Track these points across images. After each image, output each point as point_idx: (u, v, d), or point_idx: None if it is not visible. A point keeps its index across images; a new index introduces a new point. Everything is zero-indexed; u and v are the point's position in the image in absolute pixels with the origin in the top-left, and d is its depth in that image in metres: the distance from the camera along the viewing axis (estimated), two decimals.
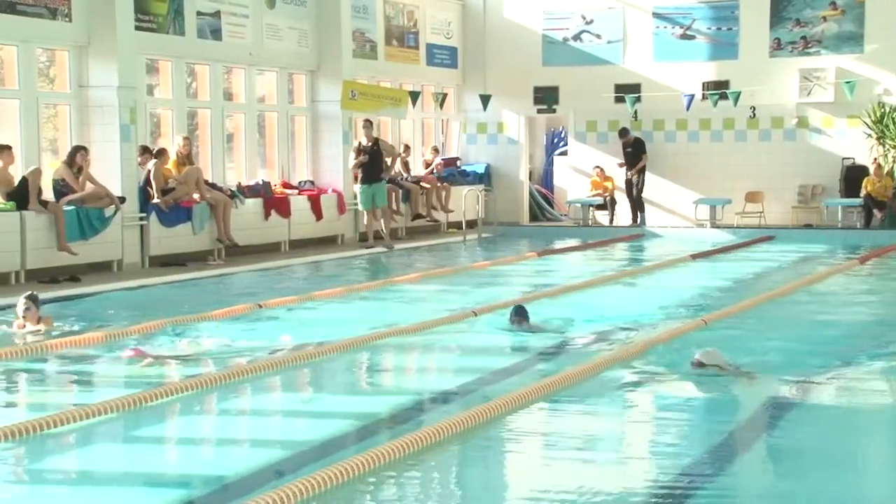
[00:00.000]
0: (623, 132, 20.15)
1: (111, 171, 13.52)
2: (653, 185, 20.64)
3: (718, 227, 19.47)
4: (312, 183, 17.69)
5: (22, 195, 12.44)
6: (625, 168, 20.21)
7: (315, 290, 11.69)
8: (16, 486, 5.26)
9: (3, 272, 12.04)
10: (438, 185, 19.78)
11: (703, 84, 20.22)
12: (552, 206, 22.62)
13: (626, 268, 14.41)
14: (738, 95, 19.26)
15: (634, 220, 20.14)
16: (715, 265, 14.94)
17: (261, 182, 16.48)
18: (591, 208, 20.60)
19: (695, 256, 15.31)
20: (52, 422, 5.84)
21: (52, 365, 7.78)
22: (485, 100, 20.42)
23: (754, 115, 20.15)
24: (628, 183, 20.16)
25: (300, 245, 16.53)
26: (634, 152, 20.05)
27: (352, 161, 17.10)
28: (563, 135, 23.10)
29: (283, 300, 10.74)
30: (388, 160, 17.64)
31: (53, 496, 5.02)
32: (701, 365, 7.02)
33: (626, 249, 17.42)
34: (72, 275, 12.54)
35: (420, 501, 4.84)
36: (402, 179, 18.93)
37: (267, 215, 16.03)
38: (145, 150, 14.38)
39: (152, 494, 4.91)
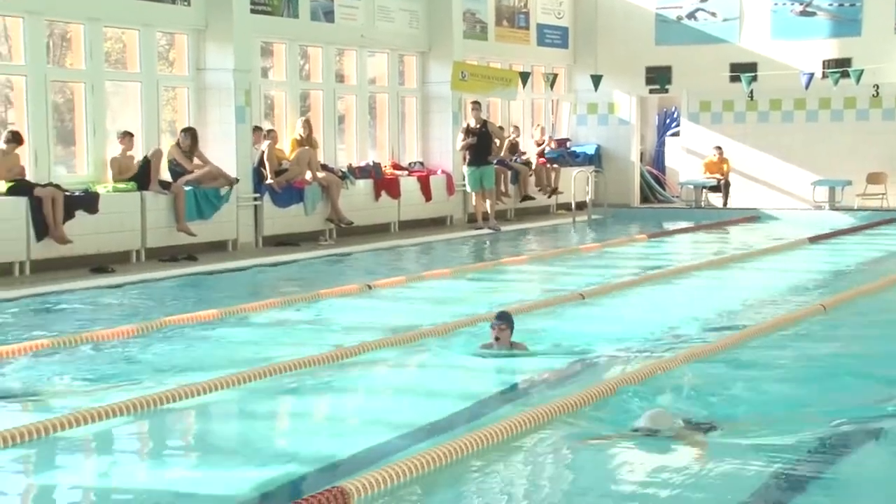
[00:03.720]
0: None
1: (226, 152, 13.82)
2: (769, 167, 20.16)
3: (838, 209, 18.90)
4: (422, 164, 17.78)
5: (143, 176, 12.82)
6: None
7: (424, 270, 11.77)
8: (139, 458, 5.45)
9: (124, 251, 12.43)
10: (548, 166, 19.67)
11: (824, 62, 19.61)
12: (663, 188, 22.29)
13: (739, 251, 14.10)
14: (860, 74, 18.61)
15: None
16: (834, 248, 14.52)
17: (371, 163, 16.64)
18: (704, 190, 20.22)
19: (813, 240, 14.90)
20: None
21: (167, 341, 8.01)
22: (596, 80, 20.20)
23: (877, 93, 19.45)
24: None
25: (409, 226, 16.64)
26: None
27: (460, 142, 17.12)
28: (675, 115, 22.71)
29: (392, 280, 10.84)
30: (497, 142, 17.61)
31: (186, 465, 5.17)
32: (651, 431, 5.31)
33: (740, 232, 17.05)
34: (189, 254, 12.87)
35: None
36: (511, 161, 18.88)
37: (377, 196, 16.18)
38: (258, 131, 14.67)
39: (265, 468, 5.01)
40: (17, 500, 4.77)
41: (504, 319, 7.21)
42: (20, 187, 11.50)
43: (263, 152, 14.46)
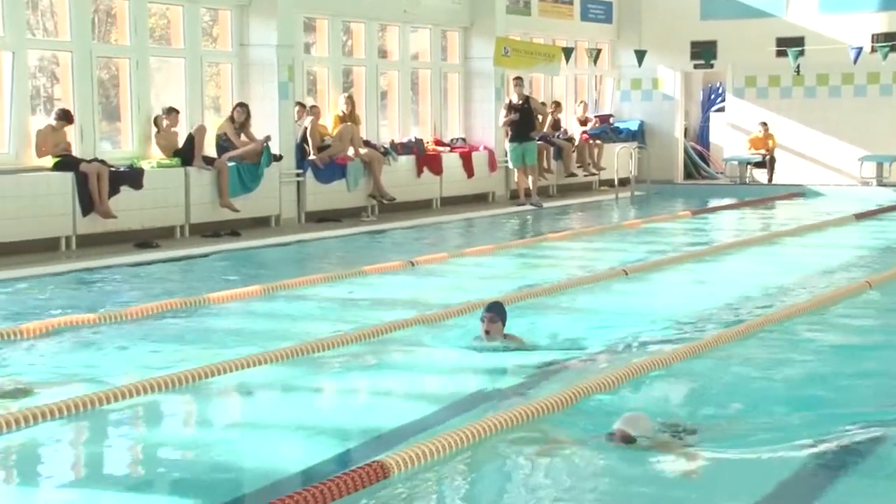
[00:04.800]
0: None
1: (269, 128, 13.86)
2: (815, 142, 19.88)
3: (885, 185, 18.61)
4: (464, 140, 17.74)
5: (187, 152, 12.90)
6: None
7: (466, 247, 11.76)
8: (183, 431, 5.51)
9: (168, 226, 12.53)
10: (591, 142, 19.54)
11: (873, 36, 19.25)
12: (708, 164, 22.07)
13: (783, 227, 13.94)
14: None
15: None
16: (881, 225, 14.31)
17: (413, 139, 16.63)
18: (749, 166, 20.00)
19: (859, 216, 14.69)
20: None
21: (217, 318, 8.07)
22: (640, 55, 19.99)
23: None
24: None
25: (451, 202, 16.63)
26: None
27: (502, 119, 17.05)
28: (720, 91, 22.45)
29: (435, 256, 10.84)
30: (539, 118, 17.51)
31: (229, 438, 5.22)
32: (626, 439, 4.72)
33: (786, 208, 16.86)
34: (233, 229, 12.95)
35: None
36: (553, 137, 18.77)
37: (419, 172, 16.17)
38: (301, 107, 14.70)
39: (306, 442, 5.04)
40: (68, 470, 4.85)
41: (494, 311, 6.58)
42: (66, 163, 11.63)
43: (306, 128, 14.49)
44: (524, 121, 16.82)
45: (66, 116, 11.85)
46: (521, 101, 16.82)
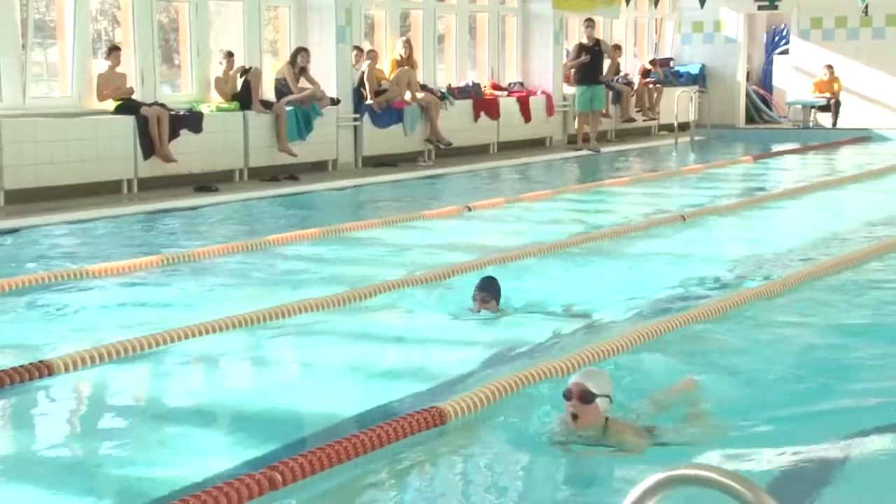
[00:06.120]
0: None
1: (327, 72, 13.86)
2: (882, 85, 19.41)
3: None
4: (522, 84, 17.59)
5: (245, 96, 12.96)
6: None
7: (523, 192, 11.72)
8: (244, 372, 5.61)
9: (228, 170, 12.64)
10: (650, 86, 19.28)
11: None
12: (770, 108, 21.69)
13: (848, 173, 13.68)
14: None
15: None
16: None
17: (470, 83, 16.53)
18: (812, 110, 19.61)
19: None
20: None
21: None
22: None
23: None
24: None
25: (508, 147, 16.55)
26: None
27: (569, 61, 16.81)
28: (784, 33, 21.96)
29: (491, 202, 10.82)
30: (609, 62, 17.27)
31: (287, 380, 5.31)
32: (585, 398, 3.99)
33: (850, 153, 16.53)
34: (290, 174, 13.03)
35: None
36: (613, 81, 18.54)
37: (476, 117, 16.10)
38: (358, 51, 14.67)
39: (364, 385, 5.10)
40: (131, 408, 4.97)
41: (487, 290, 6.12)
42: (127, 106, 11.75)
43: (363, 73, 14.47)
44: (594, 64, 16.58)
45: (114, 51, 11.88)
46: (592, 44, 16.56)
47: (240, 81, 13.07)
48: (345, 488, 3.84)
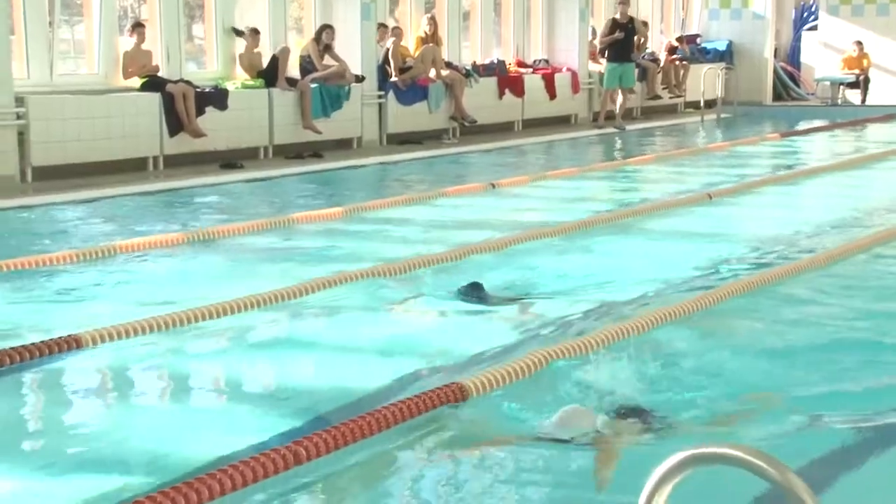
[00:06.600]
0: None
1: (351, 49, 13.84)
2: None
3: None
4: (547, 62, 17.50)
5: (270, 73, 12.96)
6: None
7: (548, 169, 11.68)
8: (267, 350, 5.64)
9: (253, 146, 12.67)
10: (676, 63, 19.13)
11: None
12: (798, 85, 21.48)
13: (877, 150, 13.54)
14: None
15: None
16: None
17: (495, 61, 16.46)
18: (841, 87, 19.41)
19: None
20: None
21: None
22: None
23: None
24: None
25: (533, 124, 16.49)
26: None
27: (602, 37, 16.70)
28: (813, 8, 21.72)
29: (516, 179, 10.79)
30: (640, 40, 17.16)
31: (309, 355, 5.33)
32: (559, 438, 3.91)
33: (879, 131, 16.36)
34: (315, 151, 13.04)
35: None
36: (639, 58, 18.41)
37: (501, 94, 16.03)
38: (383, 28, 14.63)
39: (386, 361, 5.11)
40: (158, 383, 5.01)
41: (471, 297, 6.02)
42: (153, 83, 11.78)
43: (388, 49, 14.44)
44: (627, 41, 16.47)
45: (138, 27, 11.90)
46: (625, 21, 16.44)
47: (265, 59, 13.07)
48: (368, 463, 3.86)
